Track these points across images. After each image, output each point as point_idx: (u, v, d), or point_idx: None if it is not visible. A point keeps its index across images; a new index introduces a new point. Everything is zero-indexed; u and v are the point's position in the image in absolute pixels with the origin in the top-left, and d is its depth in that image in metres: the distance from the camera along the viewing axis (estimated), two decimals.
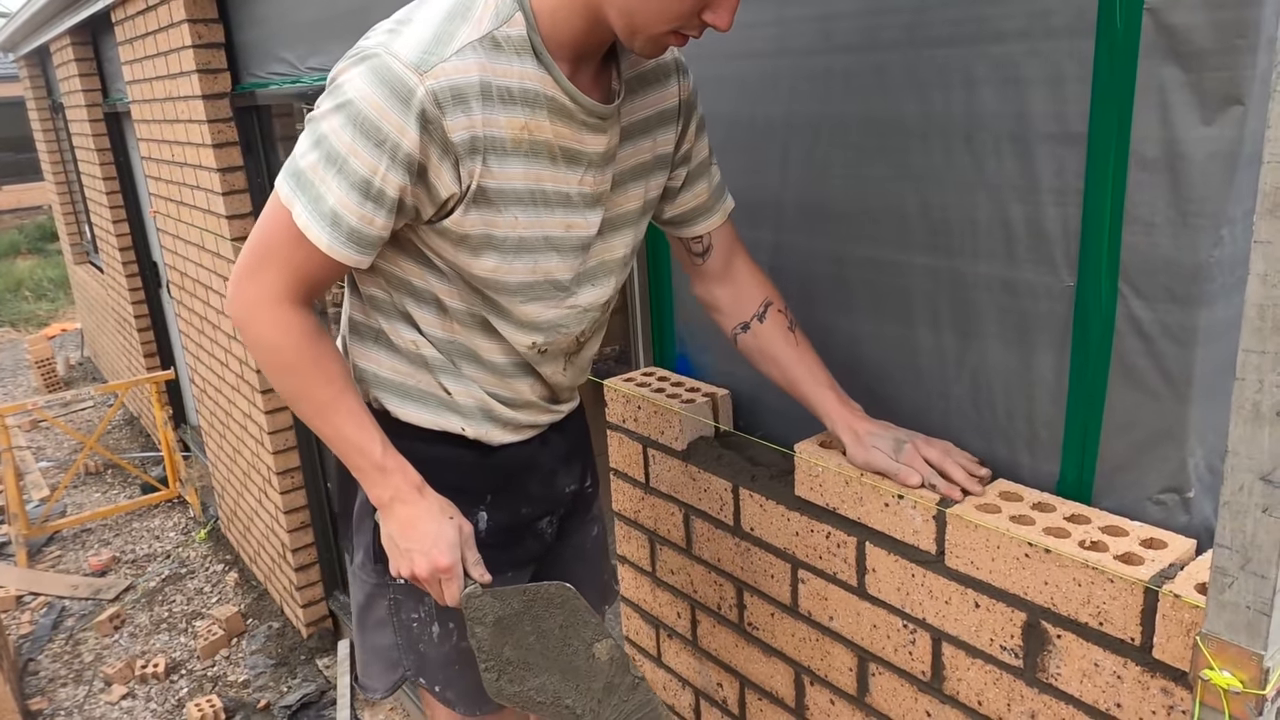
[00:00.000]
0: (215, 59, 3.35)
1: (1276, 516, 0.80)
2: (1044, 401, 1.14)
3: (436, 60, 1.03)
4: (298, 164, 1.09)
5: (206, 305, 4.00)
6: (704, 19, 1.04)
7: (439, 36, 1.05)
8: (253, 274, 1.13)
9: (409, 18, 1.08)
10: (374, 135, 1.04)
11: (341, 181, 1.06)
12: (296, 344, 1.14)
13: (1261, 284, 0.76)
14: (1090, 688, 1.04)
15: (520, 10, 1.07)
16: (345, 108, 1.04)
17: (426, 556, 1.18)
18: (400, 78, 1.02)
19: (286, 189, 1.09)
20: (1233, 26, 0.90)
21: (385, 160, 1.05)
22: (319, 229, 1.08)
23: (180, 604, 4.43)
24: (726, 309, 1.37)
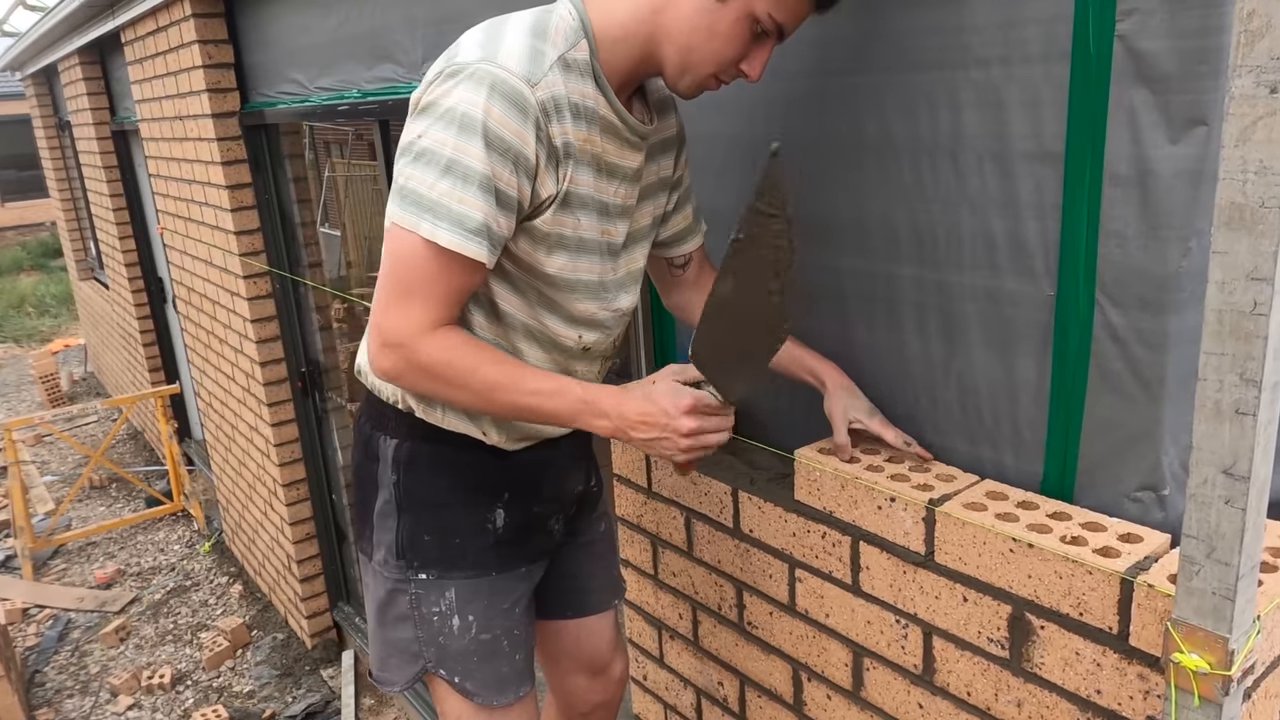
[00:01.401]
0: (225, 79, 3.42)
1: (1238, 507, 0.86)
2: (1027, 405, 1.20)
3: (540, 74, 1.14)
4: (411, 189, 1.13)
5: (213, 320, 4.06)
6: (740, 68, 1.19)
7: (534, 53, 1.15)
8: (397, 310, 1.16)
9: (494, 36, 1.16)
10: (497, 144, 1.11)
11: (466, 186, 1.11)
12: (463, 352, 1.18)
13: (1220, 291, 0.82)
14: (1072, 675, 1.10)
15: (585, 38, 1.19)
16: (461, 120, 1.11)
17: (675, 432, 1.20)
18: (516, 88, 1.11)
19: (409, 216, 1.13)
20: (1197, 53, 0.96)
21: (509, 166, 1.13)
22: (450, 234, 1.12)
23: (185, 616, 4.47)
24: (699, 309, 1.46)
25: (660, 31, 1.18)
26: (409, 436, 1.40)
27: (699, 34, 1.16)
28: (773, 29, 1.16)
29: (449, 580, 1.43)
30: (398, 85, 2.44)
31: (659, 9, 1.18)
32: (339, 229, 9.60)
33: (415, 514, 1.42)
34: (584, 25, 1.20)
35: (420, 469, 1.41)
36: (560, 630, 1.74)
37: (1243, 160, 0.79)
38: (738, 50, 1.17)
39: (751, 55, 1.19)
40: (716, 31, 1.16)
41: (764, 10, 1.14)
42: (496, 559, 1.45)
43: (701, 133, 1.53)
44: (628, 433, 1.22)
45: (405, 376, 1.19)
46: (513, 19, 1.20)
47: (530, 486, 1.47)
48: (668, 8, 1.17)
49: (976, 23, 1.13)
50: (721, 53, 1.17)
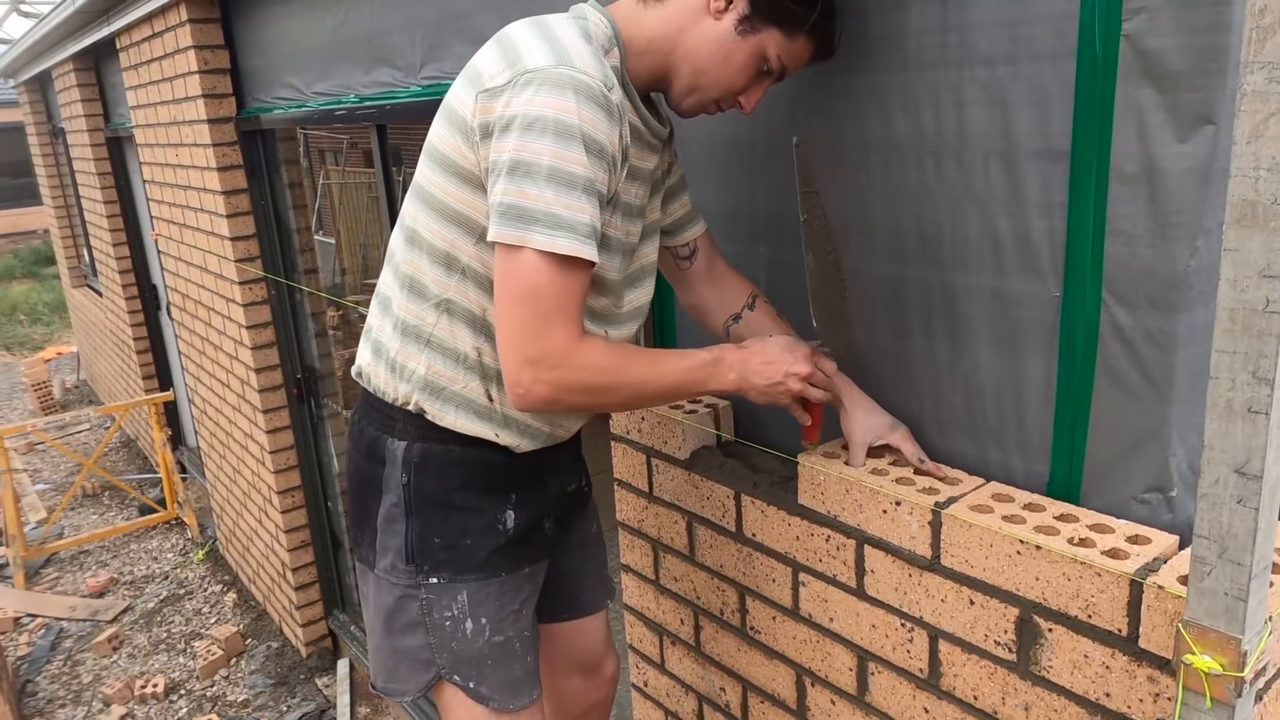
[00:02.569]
0: (221, 84, 3.41)
1: (1250, 507, 0.85)
2: (1034, 406, 1.19)
3: (612, 80, 1.18)
4: (516, 204, 1.11)
5: (208, 326, 4.04)
6: (738, 99, 1.26)
7: (598, 59, 1.18)
8: (542, 339, 1.14)
9: (553, 40, 1.17)
10: (594, 147, 1.13)
11: (572, 191, 1.12)
12: (609, 355, 1.20)
13: (1232, 289, 0.82)
14: (1081, 678, 1.09)
15: (617, 46, 1.25)
16: (556, 127, 1.10)
17: (794, 375, 1.26)
18: (602, 92, 1.13)
19: (515, 231, 1.11)
20: (1204, 51, 0.96)
21: (605, 166, 1.15)
22: (568, 240, 1.11)
23: (179, 624, 4.43)
24: (715, 306, 1.49)
25: (680, 50, 1.24)
26: (419, 438, 1.38)
27: (715, 60, 1.22)
28: (777, 69, 1.23)
29: (460, 583, 1.42)
30: (395, 90, 2.43)
31: (684, 29, 1.23)
32: (333, 236, 9.60)
33: (425, 516, 1.40)
34: (615, 34, 1.24)
35: (431, 470, 1.39)
36: (555, 632, 1.74)
37: (1255, 157, 0.78)
38: (743, 82, 1.24)
39: (751, 89, 1.26)
40: (730, 61, 1.22)
41: (774, 52, 1.21)
42: (505, 560, 1.45)
43: (703, 135, 1.52)
44: (750, 379, 1.25)
45: (562, 398, 1.18)
46: (555, 24, 1.21)
47: (537, 486, 1.48)
48: (692, 30, 1.23)
49: (982, 21, 1.12)
50: (730, 81, 1.24)
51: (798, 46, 1.22)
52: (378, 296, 1.43)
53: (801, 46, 1.22)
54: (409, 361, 1.36)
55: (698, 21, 1.22)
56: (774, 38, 1.20)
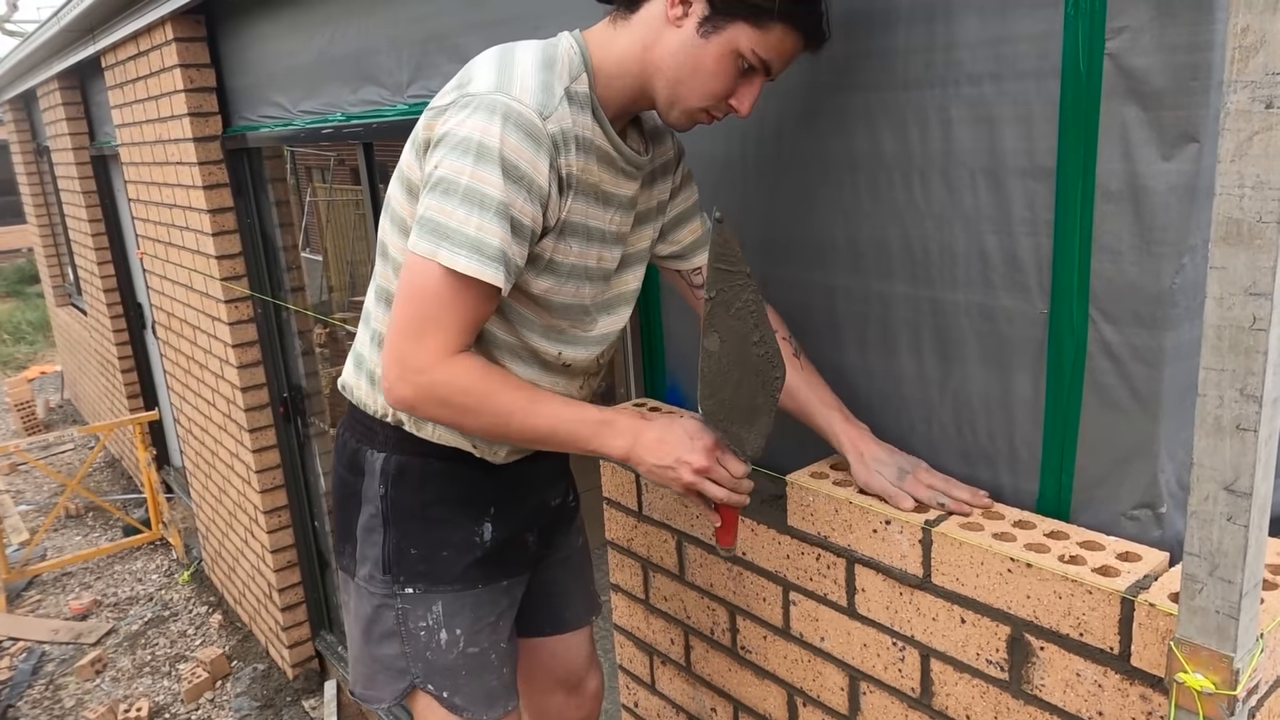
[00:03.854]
0: (207, 103, 3.40)
1: (1240, 524, 0.85)
2: (1023, 423, 1.19)
3: (551, 108, 1.17)
4: (430, 218, 1.14)
5: (194, 345, 4.02)
6: (729, 103, 1.21)
7: (545, 87, 1.17)
8: (414, 340, 1.16)
9: (505, 67, 1.18)
10: (513, 172, 1.13)
11: (483, 213, 1.13)
12: (480, 378, 1.18)
13: (1218, 306, 0.82)
14: (1073, 697, 1.08)
15: (586, 71, 1.23)
16: (478, 149, 1.12)
17: (686, 465, 1.19)
18: (531, 120, 1.14)
19: (425, 244, 1.14)
20: (1187, 69, 0.97)
21: (524, 194, 1.15)
22: (468, 259, 1.13)
23: (163, 647, 4.38)
24: None
25: (650, 67, 1.21)
26: (397, 450, 1.41)
27: (685, 69, 1.19)
28: (759, 65, 1.18)
29: (436, 594, 1.44)
30: (382, 108, 2.43)
31: (649, 45, 1.21)
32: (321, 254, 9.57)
33: (402, 528, 1.42)
34: (585, 59, 1.23)
35: (408, 482, 1.41)
36: (538, 647, 1.74)
37: (1239, 175, 0.78)
38: (725, 85, 1.19)
39: (740, 91, 1.21)
40: (701, 67, 1.18)
41: (747, 47, 1.16)
42: (482, 573, 1.46)
43: (690, 152, 1.52)
44: (639, 453, 1.20)
45: (422, 405, 1.19)
46: (520, 50, 1.21)
47: (515, 499, 1.48)
48: (656, 44, 1.20)
49: (967, 39, 1.13)
50: (708, 87, 1.19)
51: (774, 37, 1.15)
52: (363, 311, 1.44)
53: (779, 36, 1.15)
54: None
55: (661, 34, 1.19)
56: (743, 32, 1.15)
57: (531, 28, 1.81)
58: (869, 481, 1.27)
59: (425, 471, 1.40)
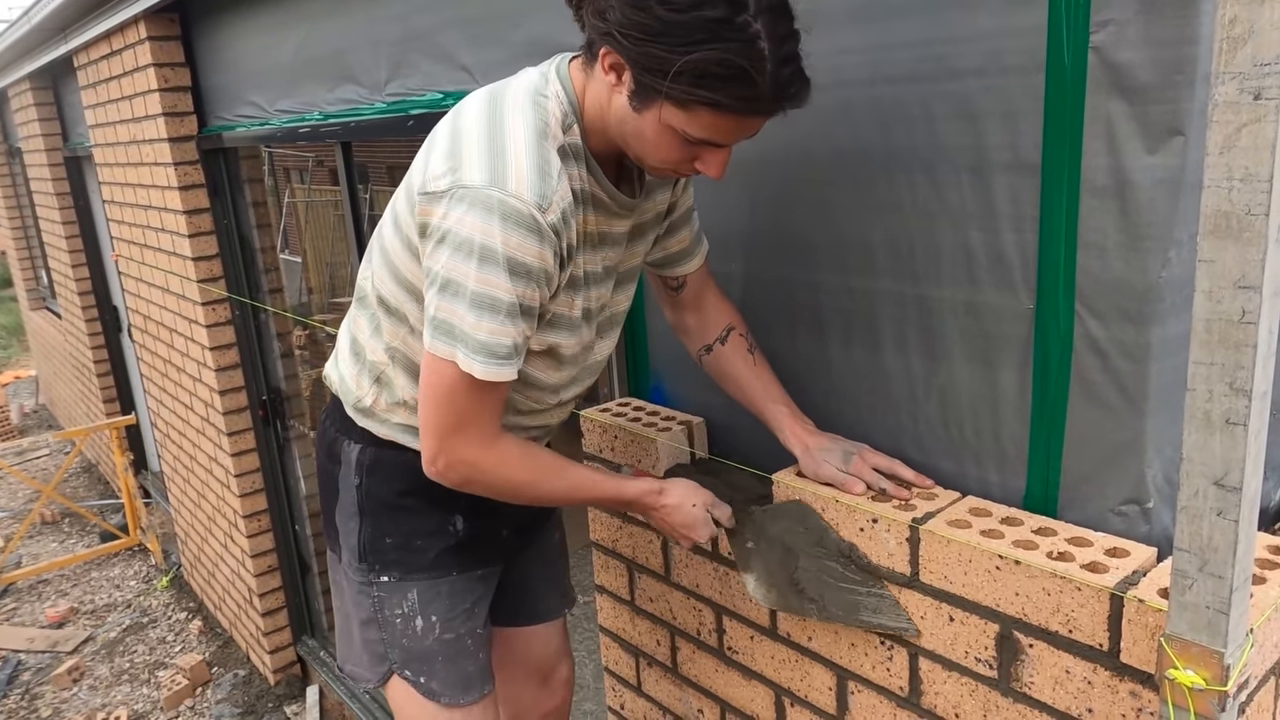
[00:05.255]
0: (182, 102, 3.36)
1: (1230, 519, 0.84)
2: (1009, 420, 1.19)
3: (551, 195, 1.13)
4: (442, 319, 1.15)
5: (170, 348, 3.96)
6: (696, 167, 1.15)
7: (541, 170, 1.13)
8: (455, 436, 1.21)
9: (498, 148, 1.13)
10: (519, 269, 1.12)
11: (495, 316, 1.13)
12: (523, 465, 1.27)
13: (1207, 300, 0.81)
14: (1062, 694, 1.08)
15: (577, 122, 1.20)
16: (481, 252, 1.11)
17: (688, 537, 1.37)
18: (529, 216, 1.11)
19: (442, 345, 1.16)
20: (1172, 63, 0.96)
21: (532, 285, 1.15)
22: (484, 365, 1.15)
23: (142, 654, 4.32)
24: (693, 333, 1.48)
25: (611, 124, 1.17)
26: (372, 441, 1.44)
27: (632, 136, 1.14)
28: (699, 142, 1.10)
29: (411, 582, 1.47)
30: (360, 106, 2.40)
31: (604, 105, 1.16)
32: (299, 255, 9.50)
33: (376, 517, 1.45)
34: (574, 105, 1.19)
35: (382, 473, 1.44)
36: (512, 638, 1.77)
37: (1228, 168, 0.78)
38: (678, 154, 1.13)
39: (703, 156, 1.13)
40: (644, 137, 1.13)
41: (678, 125, 1.08)
42: (456, 560, 1.49)
43: None
44: (661, 525, 1.40)
45: (472, 487, 1.28)
46: (511, 122, 1.15)
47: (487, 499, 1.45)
48: (610, 105, 1.15)
49: (951, 35, 1.12)
50: (660, 156, 1.14)
51: (703, 118, 1.06)
52: (351, 309, 1.46)
53: (709, 118, 1.06)
54: (362, 392, 1.42)
55: (612, 95, 1.14)
56: (669, 112, 1.07)
57: (511, 25, 1.79)
58: (818, 471, 1.30)
59: (398, 463, 1.41)
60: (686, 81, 1.02)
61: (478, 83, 1.94)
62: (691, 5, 1.00)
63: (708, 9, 0.99)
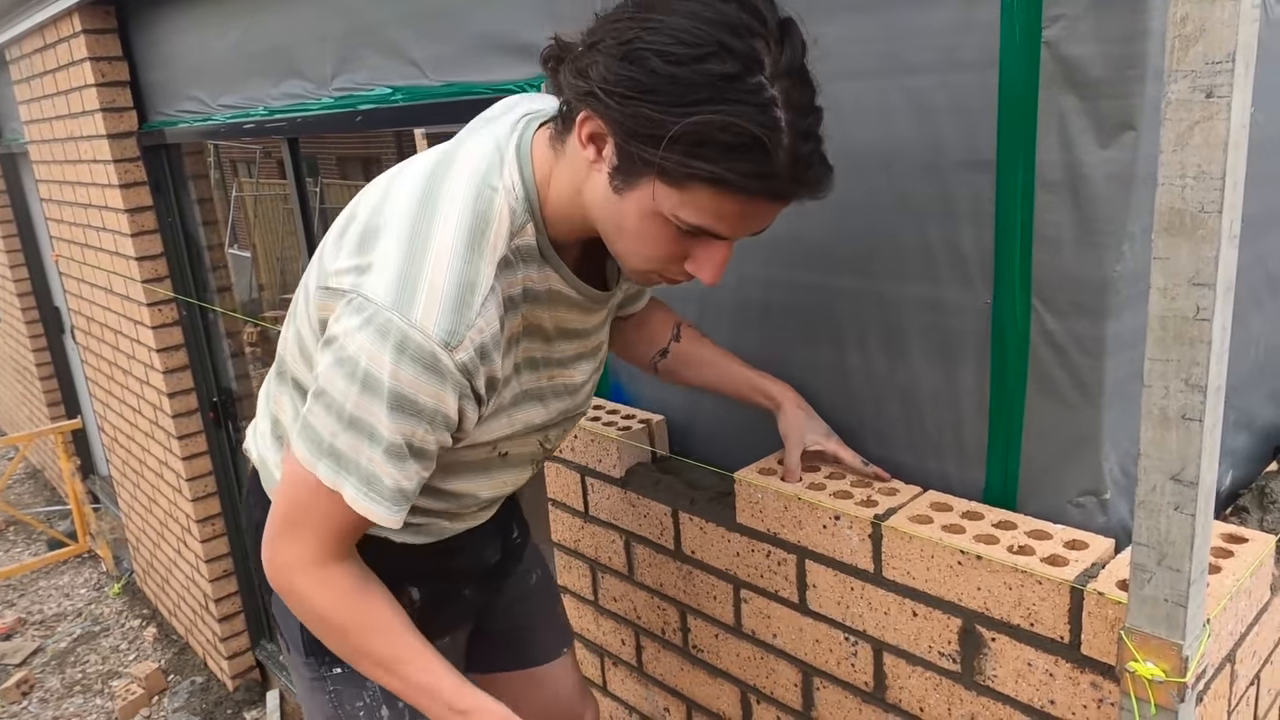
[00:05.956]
0: (120, 97, 3.26)
1: (1187, 513, 0.85)
2: (968, 414, 1.19)
3: (464, 330, 0.96)
4: (314, 427, 1.00)
5: (115, 350, 3.86)
6: (687, 269, 0.99)
7: (460, 296, 0.95)
8: (285, 537, 1.05)
9: (413, 262, 0.95)
10: (410, 407, 0.97)
11: (374, 447, 0.98)
12: (343, 604, 1.07)
13: (1162, 297, 0.82)
14: (1025, 687, 1.09)
15: (532, 220, 1.02)
16: (364, 379, 0.95)
17: None
18: (431, 354, 0.94)
19: (309, 455, 1.01)
20: (1123, 58, 0.96)
21: (424, 425, 0.99)
22: (355, 491, 1.00)
23: (95, 664, 4.22)
24: (642, 345, 1.40)
25: (587, 213, 1.00)
26: None
27: (611, 226, 0.97)
28: (694, 231, 0.93)
29: None
30: (306, 102, 2.35)
31: (579, 187, 0.99)
32: (249, 250, 9.31)
33: None
34: (530, 202, 1.02)
35: None
36: (512, 683, 1.58)
37: (1181, 165, 0.78)
38: (666, 249, 0.96)
39: (697, 255, 0.97)
40: (625, 227, 0.96)
41: (668, 209, 0.91)
42: None
43: None
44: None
45: (287, 602, 1.09)
46: (445, 214, 0.98)
47: (445, 567, 1.34)
48: (585, 187, 0.98)
49: (905, 30, 1.11)
50: (644, 251, 0.97)
51: (702, 199, 0.89)
52: (271, 378, 1.26)
53: (711, 199, 0.89)
54: None
55: (589, 175, 0.96)
56: (659, 190, 0.90)
57: (461, 19, 1.76)
58: (815, 437, 1.29)
59: None
60: (683, 149, 0.85)
61: (427, 77, 1.90)
62: (695, 58, 0.84)
63: (714, 63, 0.84)
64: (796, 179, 0.89)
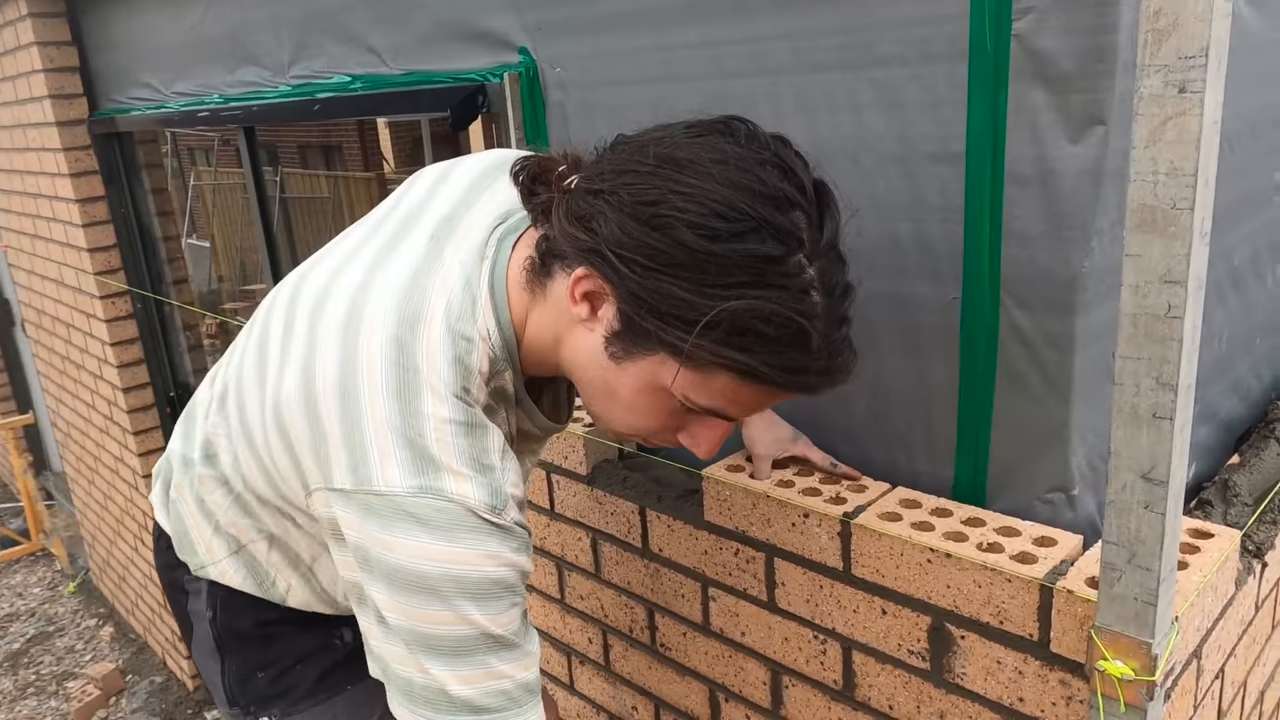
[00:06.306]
0: (70, 84, 3.16)
1: (1157, 512, 0.85)
2: (937, 410, 1.18)
3: (506, 490, 0.88)
4: (431, 689, 0.89)
5: (68, 344, 3.76)
6: (680, 440, 0.93)
7: (480, 460, 0.87)
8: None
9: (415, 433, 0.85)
10: (505, 587, 0.88)
11: (476, 659, 0.88)
12: None
13: (1134, 294, 0.81)
14: (994, 684, 1.08)
15: (511, 368, 0.94)
16: (462, 589, 0.85)
17: None
18: (497, 527, 0.86)
19: None
20: (1093, 51, 0.95)
21: (521, 593, 0.91)
22: None
23: (49, 665, 4.13)
24: None
25: (567, 366, 0.93)
26: None
27: (598, 391, 0.90)
28: (700, 410, 0.87)
29: (296, 716, 1.19)
30: (263, 89, 2.28)
31: (561, 339, 0.91)
32: (208, 240, 9.13)
33: (240, 652, 1.18)
34: (509, 351, 0.94)
35: (239, 604, 1.15)
36: None
37: (1153, 161, 0.77)
38: (657, 422, 0.90)
39: (693, 429, 0.91)
40: (618, 397, 0.88)
41: (678, 389, 0.84)
42: (347, 673, 1.20)
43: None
44: None
45: None
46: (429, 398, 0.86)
47: None
48: (568, 340, 0.90)
49: (874, 21, 1.10)
50: (635, 422, 0.91)
51: (725, 384, 0.83)
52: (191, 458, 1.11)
53: (733, 385, 0.83)
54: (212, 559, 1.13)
55: (573, 329, 0.88)
56: (667, 368, 0.83)
57: (420, 7, 1.71)
58: (778, 438, 1.28)
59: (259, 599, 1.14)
60: (718, 336, 0.78)
61: (387, 66, 1.85)
62: (733, 234, 0.76)
63: (754, 242, 0.76)
64: (828, 370, 0.84)
